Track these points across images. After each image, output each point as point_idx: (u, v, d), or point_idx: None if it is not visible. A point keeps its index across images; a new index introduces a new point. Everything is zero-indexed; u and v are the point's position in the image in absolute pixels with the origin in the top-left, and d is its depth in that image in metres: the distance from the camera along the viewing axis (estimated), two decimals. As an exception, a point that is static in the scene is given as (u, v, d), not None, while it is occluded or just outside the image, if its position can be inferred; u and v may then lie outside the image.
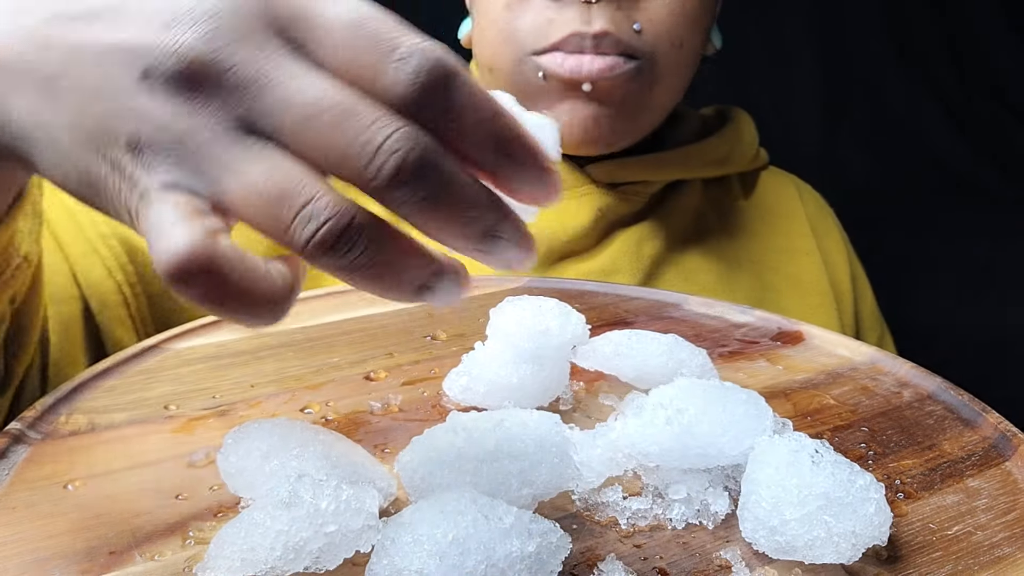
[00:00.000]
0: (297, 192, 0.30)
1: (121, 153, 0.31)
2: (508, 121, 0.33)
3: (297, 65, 0.31)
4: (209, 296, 0.30)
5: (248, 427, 0.44)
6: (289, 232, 0.30)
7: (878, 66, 1.38)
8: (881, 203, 1.40)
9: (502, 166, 0.33)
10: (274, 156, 0.30)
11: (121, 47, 0.30)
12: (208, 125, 0.30)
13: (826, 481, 0.41)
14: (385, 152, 0.30)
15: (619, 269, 0.80)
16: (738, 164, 0.88)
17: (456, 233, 0.34)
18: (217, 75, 0.30)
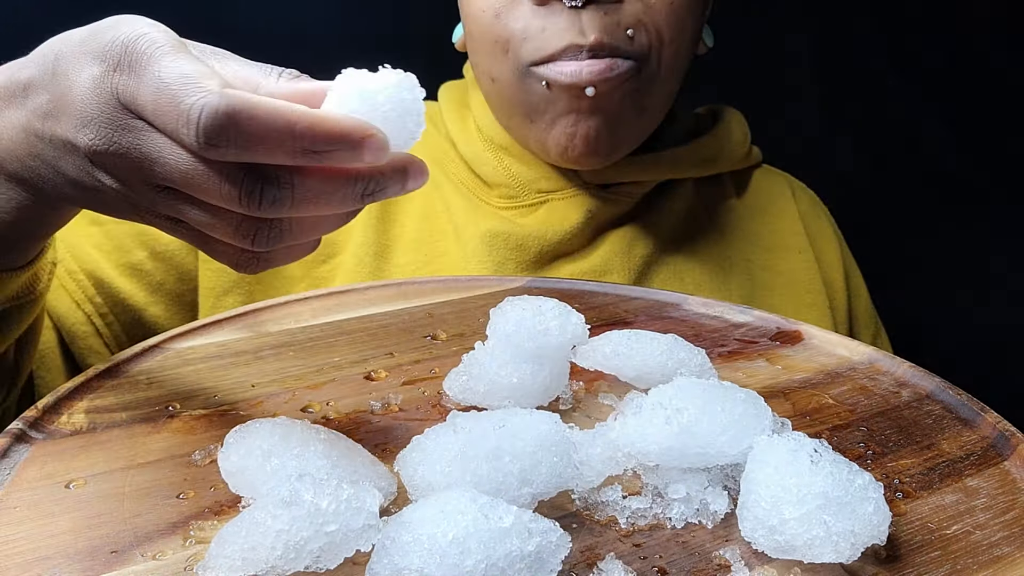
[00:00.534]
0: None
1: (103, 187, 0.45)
2: (304, 127, 0.38)
3: (160, 139, 0.40)
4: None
5: (249, 427, 0.45)
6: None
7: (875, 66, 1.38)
8: (878, 202, 1.40)
9: (321, 159, 0.39)
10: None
11: (68, 141, 0.43)
12: (139, 190, 0.43)
13: (825, 480, 0.41)
14: (246, 196, 0.39)
15: (611, 269, 0.80)
16: (728, 163, 0.88)
17: (338, 209, 0.42)
18: (121, 159, 0.42)
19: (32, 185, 0.48)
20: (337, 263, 0.80)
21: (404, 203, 0.82)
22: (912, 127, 1.40)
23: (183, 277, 0.77)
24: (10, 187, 0.49)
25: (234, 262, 0.45)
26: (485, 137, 0.83)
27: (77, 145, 0.43)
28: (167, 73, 0.39)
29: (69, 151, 0.44)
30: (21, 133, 0.46)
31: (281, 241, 0.42)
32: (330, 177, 0.41)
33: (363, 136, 0.39)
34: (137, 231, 0.75)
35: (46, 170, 0.46)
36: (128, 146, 0.41)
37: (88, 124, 0.42)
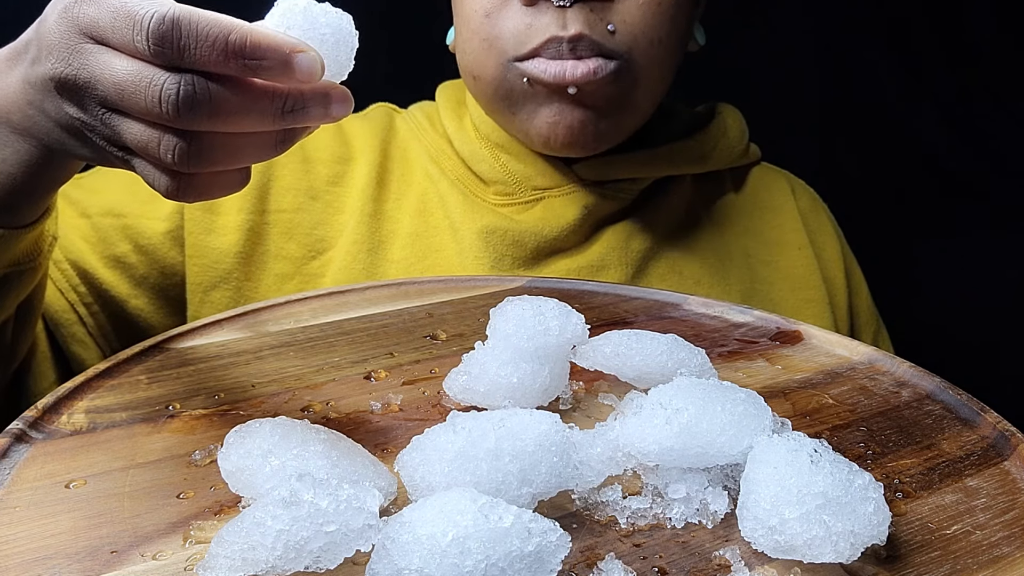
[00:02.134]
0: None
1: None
2: (239, 37, 0.42)
3: (105, 56, 0.45)
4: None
5: (249, 426, 0.45)
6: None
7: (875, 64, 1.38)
8: (878, 201, 1.39)
9: (252, 70, 0.43)
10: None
11: (42, 76, 0.48)
12: (86, 104, 0.47)
13: (825, 480, 0.41)
14: (165, 99, 0.43)
15: (608, 265, 0.80)
16: (724, 160, 0.88)
17: (256, 124, 0.44)
18: (72, 81, 0.46)
19: (33, 135, 0.52)
20: (327, 259, 0.80)
21: (398, 199, 0.83)
22: (912, 127, 1.39)
23: (166, 271, 0.77)
24: (16, 139, 0.53)
25: (163, 185, 0.47)
26: (481, 135, 0.83)
27: (47, 75, 0.47)
28: None
29: (46, 87, 0.48)
30: (20, 84, 0.51)
31: (202, 161, 0.45)
32: (250, 88, 0.44)
33: (293, 50, 0.43)
34: (122, 225, 0.76)
35: (40, 116, 0.51)
36: (78, 67, 0.46)
37: (51, 53, 0.46)
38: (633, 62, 0.73)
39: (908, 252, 1.39)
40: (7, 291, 0.61)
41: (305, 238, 0.80)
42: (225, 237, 0.77)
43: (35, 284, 0.64)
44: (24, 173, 0.54)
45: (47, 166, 0.54)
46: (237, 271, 0.78)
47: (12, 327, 0.64)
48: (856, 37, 1.38)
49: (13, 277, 0.61)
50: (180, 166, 0.45)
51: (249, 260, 0.78)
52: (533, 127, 0.76)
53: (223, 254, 0.77)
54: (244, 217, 0.78)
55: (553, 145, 0.76)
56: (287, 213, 0.80)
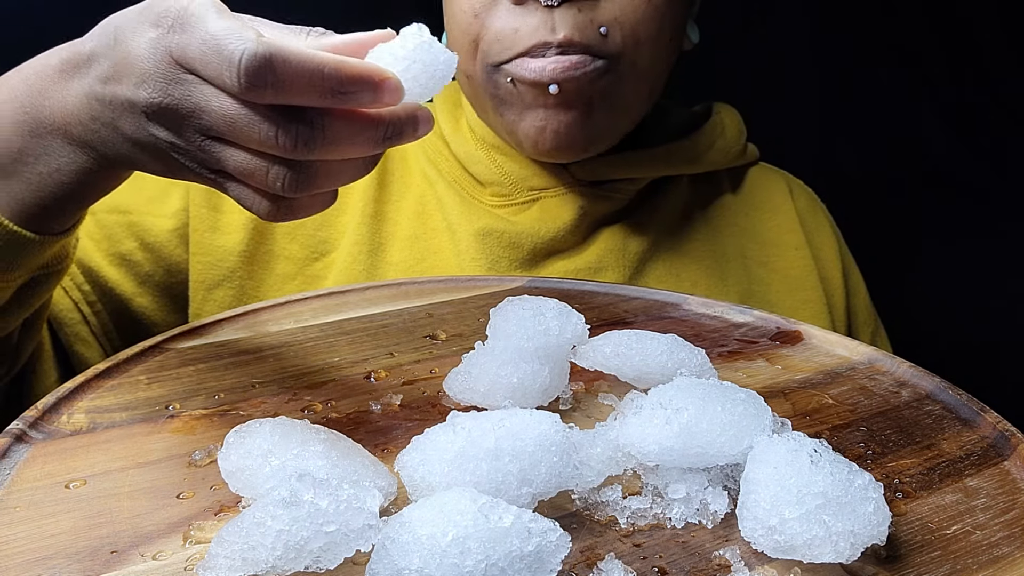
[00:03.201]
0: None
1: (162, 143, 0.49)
2: (331, 69, 0.43)
3: (208, 88, 0.45)
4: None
5: (249, 426, 0.45)
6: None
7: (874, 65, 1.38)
8: (878, 202, 1.39)
9: (346, 100, 0.44)
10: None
11: (127, 99, 0.48)
12: (188, 139, 0.48)
13: (825, 480, 0.41)
14: (282, 136, 0.44)
15: (605, 266, 0.80)
16: (721, 160, 0.88)
17: (361, 151, 0.47)
18: (173, 110, 0.47)
19: (93, 147, 0.52)
20: (330, 261, 0.80)
21: (398, 201, 0.83)
22: (912, 127, 1.39)
23: (171, 269, 0.77)
24: (73, 150, 0.53)
25: (264, 209, 0.49)
26: (477, 136, 0.83)
27: (136, 102, 0.47)
28: (213, 28, 0.44)
29: (128, 109, 0.48)
30: (84, 99, 0.51)
31: (308, 187, 0.47)
32: (355, 119, 0.46)
33: (381, 78, 0.44)
34: (128, 222, 0.75)
35: (106, 131, 0.51)
36: (180, 97, 0.46)
37: (146, 81, 0.47)
38: (622, 61, 0.73)
39: (907, 252, 1.39)
40: (33, 294, 0.62)
41: (308, 239, 0.80)
42: (230, 236, 0.77)
43: (54, 288, 0.65)
44: (76, 182, 0.54)
45: (101, 176, 0.55)
46: (240, 270, 0.78)
47: (19, 329, 0.64)
48: (856, 37, 1.38)
49: (40, 280, 0.62)
50: (288, 192, 0.47)
51: (253, 259, 0.78)
52: (520, 131, 0.76)
53: (227, 252, 0.77)
54: (248, 216, 0.78)
55: (541, 150, 0.76)
56: None
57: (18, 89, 0.54)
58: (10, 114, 0.54)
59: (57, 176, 0.54)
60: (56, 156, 0.53)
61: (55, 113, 0.52)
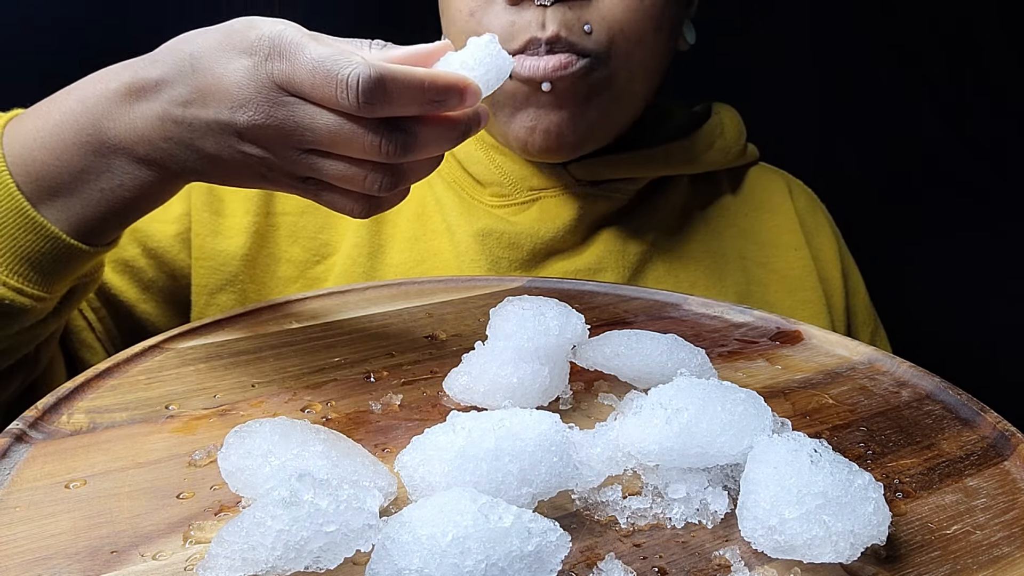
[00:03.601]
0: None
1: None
2: (428, 83, 0.49)
3: (309, 108, 0.50)
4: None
5: (249, 426, 0.45)
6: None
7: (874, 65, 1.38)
8: (878, 201, 1.39)
9: (438, 108, 0.51)
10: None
11: (218, 122, 0.52)
12: (283, 154, 0.52)
13: (825, 480, 0.41)
14: (386, 146, 0.50)
15: (605, 266, 0.80)
16: (720, 160, 0.88)
17: (445, 148, 0.53)
18: (274, 130, 0.51)
19: (160, 164, 0.56)
20: (331, 263, 0.80)
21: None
22: (912, 127, 1.39)
23: (174, 274, 0.77)
24: (138, 167, 0.56)
25: (357, 211, 0.54)
26: (476, 136, 0.83)
27: (233, 123, 0.51)
28: (317, 55, 0.48)
29: (217, 131, 0.52)
30: (157, 121, 0.54)
31: (399, 186, 0.53)
32: (440, 123, 0.52)
33: (465, 85, 0.51)
34: (130, 228, 0.75)
35: (179, 150, 0.54)
36: (283, 118, 0.50)
37: (245, 105, 0.50)
38: (611, 60, 0.73)
39: (907, 252, 1.39)
40: (69, 304, 0.63)
41: (310, 242, 0.80)
42: (231, 240, 0.77)
43: (86, 298, 0.67)
44: (137, 197, 0.58)
45: (162, 190, 0.58)
46: (243, 274, 0.78)
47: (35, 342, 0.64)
48: (855, 37, 1.38)
49: (79, 288, 0.64)
50: (383, 192, 0.52)
51: (255, 263, 0.78)
52: (511, 132, 0.76)
53: (229, 257, 0.77)
54: (250, 219, 0.78)
55: (531, 150, 0.77)
56: (291, 216, 0.80)
57: (76, 111, 0.56)
58: (71, 136, 0.56)
59: (119, 192, 0.57)
60: (119, 173, 0.56)
61: (120, 134, 0.55)
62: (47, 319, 0.62)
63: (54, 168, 0.57)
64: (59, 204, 0.57)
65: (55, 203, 0.57)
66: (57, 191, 0.57)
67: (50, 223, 0.57)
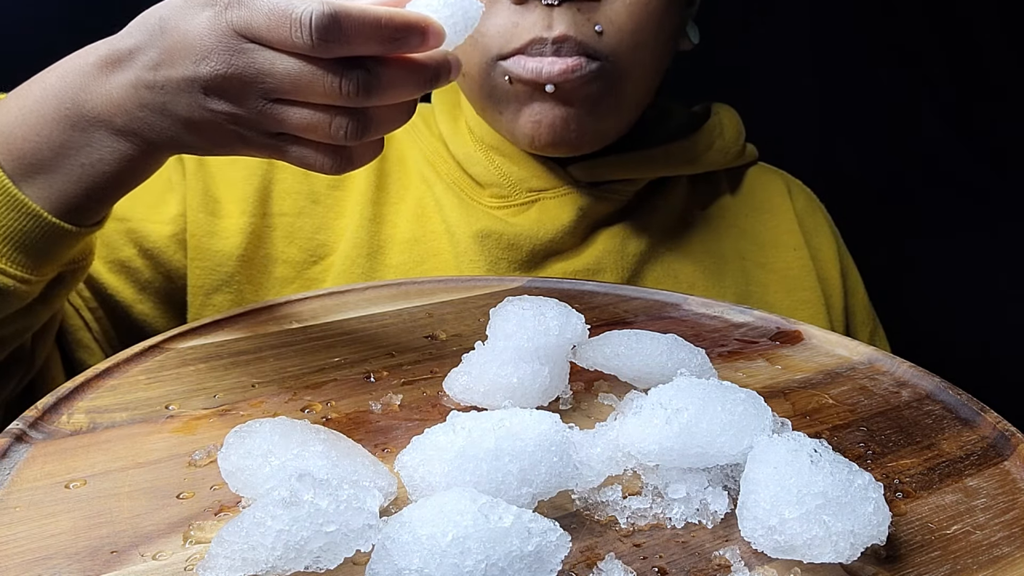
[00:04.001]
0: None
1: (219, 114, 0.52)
2: (385, 21, 0.48)
3: (268, 53, 0.49)
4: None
5: (249, 426, 0.45)
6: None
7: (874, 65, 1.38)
8: (878, 202, 1.39)
9: (400, 48, 0.49)
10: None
11: (183, 78, 0.51)
12: (249, 105, 0.51)
13: (825, 480, 0.41)
14: (346, 86, 0.49)
15: (604, 267, 0.80)
16: (720, 160, 0.88)
17: (409, 94, 0.52)
18: (237, 78, 0.50)
19: (138, 134, 0.55)
20: (328, 264, 0.80)
21: (396, 203, 0.83)
22: (912, 127, 1.39)
23: (170, 275, 0.77)
24: (117, 139, 0.55)
25: (327, 164, 0.53)
26: (476, 137, 0.83)
27: (197, 77, 0.50)
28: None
29: (185, 89, 0.51)
30: (131, 89, 0.53)
31: (367, 133, 0.51)
32: (404, 65, 0.51)
33: (427, 24, 0.50)
34: (126, 229, 0.75)
35: (155, 117, 0.53)
36: (244, 65, 0.49)
37: (208, 56, 0.49)
38: (618, 63, 0.73)
39: (907, 252, 1.39)
40: (57, 292, 0.63)
41: (307, 243, 0.80)
42: (227, 240, 0.77)
43: (75, 288, 0.66)
44: (118, 171, 0.57)
45: (144, 162, 0.57)
46: (239, 275, 0.78)
47: (33, 335, 0.64)
48: (855, 37, 1.38)
49: (68, 275, 0.63)
50: (349, 141, 0.51)
51: (251, 264, 0.78)
52: (517, 127, 0.76)
53: (225, 257, 0.77)
54: (246, 220, 0.78)
55: (538, 144, 0.77)
56: (288, 216, 0.80)
57: (56, 87, 0.56)
58: (51, 111, 0.56)
59: (100, 166, 0.56)
60: (99, 147, 0.56)
61: (98, 106, 0.54)
62: (35, 307, 0.61)
63: (34, 144, 0.56)
64: (40, 181, 0.57)
65: (36, 180, 0.57)
66: (38, 168, 0.57)
67: (32, 200, 0.57)
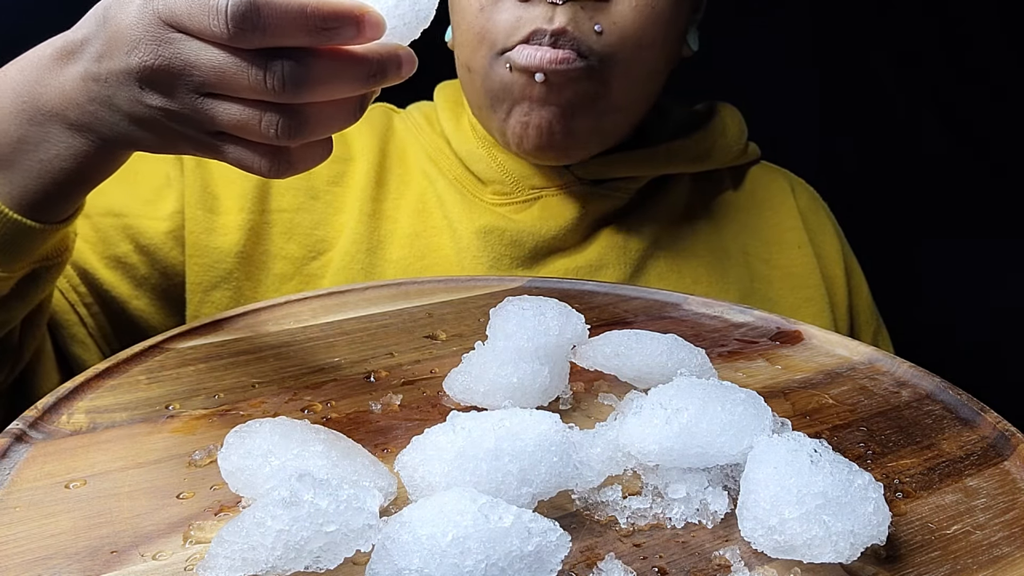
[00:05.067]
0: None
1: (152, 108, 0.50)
2: (311, 8, 0.44)
3: (195, 43, 0.46)
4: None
5: (249, 426, 0.45)
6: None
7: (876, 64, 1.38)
8: (878, 199, 1.39)
9: (331, 38, 0.45)
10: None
11: (120, 71, 0.49)
12: (182, 100, 0.48)
13: (825, 480, 0.41)
14: (270, 78, 0.45)
15: (606, 264, 0.80)
16: (722, 159, 0.88)
17: (348, 90, 0.47)
18: (165, 70, 0.47)
19: (91, 129, 0.53)
20: (327, 259, 0.80)
21: (396, 199, 0.83)
22: (912, 126, 1.39)
23: (168, 272, 0.77)
24: (72, 135, 0.54)
25: (264, 166, 0.50)
26: (479, 134, 0.83)
27: (129, 69, 0.48)
28: None
29: (123, 82, 0.49)
30: (80, 82, 0.51)
31: (302, 132, 0.48)
32: (340, 57, 0.47)
33: (361, 12, 0.45)
34: (123, 225, 0.75)
35: (103, 111, 0.51)
36: (170, 56, 0.47)
37: (136, 46, 0.47)
38: (613, 64, 0.73)
39: (908, 251, 1.39)
40: (33, 288, 0.62)
41: (305, 239, 0.80)
42: (226, 237, 0.77)
43: (54, 284, 0.65)
44: (76, 167, 0.55)
45: (101, 159, 0.55)
46: (238, 271, 0.78)
47: (20, 327, 0.64)
48: (856, 36, 1.38)
49: (41, 273, 0.62)
50: (281, 140, 0.47)
51: (250, 260, 0.78)
52: (508, 128, 0.76)
53: (224, 254, 0.77)
54: (245, 216, 0.78)
55: (526, 147, 0.77)
56: (287, 213, 0.80)
57: (15, 80, 0.55)
58: (8, 105, 0.55)
59: (57, 162, 0.55)
60: (55, 142, 0.54)
61: (52, 99, 0.53)
62: (10, 303, 0.61)
63: None
64: (0, 177, 0.56)
65: None
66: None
67: None
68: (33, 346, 0.67)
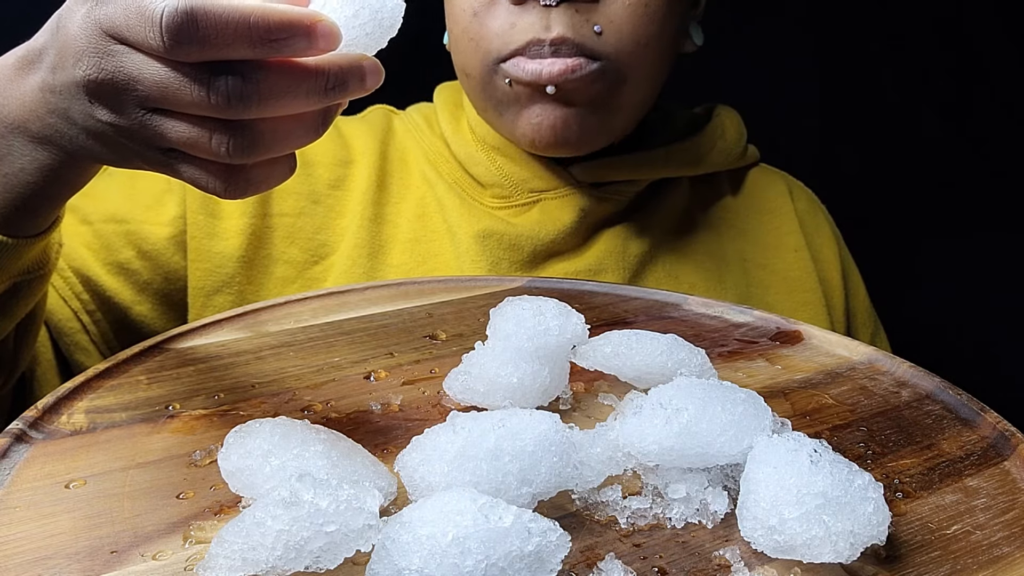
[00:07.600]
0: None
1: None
2: (259, 19, 0.41)
3: (137, 56, 0.43)
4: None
5: (249, 427, 0.45)
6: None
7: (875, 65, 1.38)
8: (878, 202, 1.40)
9: (279, 50, 0.42)
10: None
11: (70, 83, 0.46)
12: (124, 107, 0.45)
13: (825, 480, 0.41)
14: (214, 92, 0.42)
15: (605, 268, 0.81)
16: (721, 162, 0.88)
17: (303, 105, 0.44)
18: (109, 84, 0.45)
19: (53, 143, 0.51)
20: (329, 264, 0.80)
21: (397, 203, 0.83)
22: (912, 127, 1.39)
23: (170, 277, 0.77)
24: (34, 148, 0.52)
25: (217, 186, 0.46)
26: (478, 137, 0.83)
27: (76, 81, 0.46)
28: None
29: (74, 94, 0.47)
30: (39, 93, 0.50)
31: (254, 150, 0.44)
32: (292, 70, 0.43)
33: (312, 22, 0.42)
34: (125, 231, 0.75)
35: (62, 123, 0.49)
36: (113, 70, 0.44)
37: (81, 58, 0.45)
38: (619, 63, 0.73)
39: (907, 253, 1.39)
40: (17, 300, 0.61)
41: (307, 243, 0.80)
42: (228, 241, 0.77)
43: (42, 292, 0.64)
44: (43, 181, 0.53)
45: (67, 173, 0.54)
46: (239, 276, 0.78)
47: (14, 336, 0.64)
48: (856, 37, 1.38)
49: (23, 286, 0.61)
50: (234, 158, 0.44)
51: (251, 265, 0.78)
52: (518, 128, 0.76)
53: (226, 258, 0.77)
54: (246, 221, 0.78)
55: (539, 145, 0.77)
56: (289, 217, 0.80)
57: None
58: None
59: (22, 176, 0.53)
60: (19, 156, 0.52)
61: (14, 111, 0.51)
62: None
63: None
64: None
65: None
66: None
67: None
68: (28, 353, 0.67)
